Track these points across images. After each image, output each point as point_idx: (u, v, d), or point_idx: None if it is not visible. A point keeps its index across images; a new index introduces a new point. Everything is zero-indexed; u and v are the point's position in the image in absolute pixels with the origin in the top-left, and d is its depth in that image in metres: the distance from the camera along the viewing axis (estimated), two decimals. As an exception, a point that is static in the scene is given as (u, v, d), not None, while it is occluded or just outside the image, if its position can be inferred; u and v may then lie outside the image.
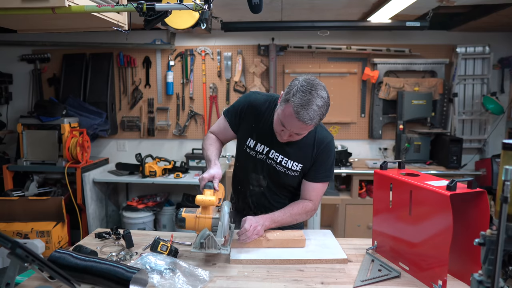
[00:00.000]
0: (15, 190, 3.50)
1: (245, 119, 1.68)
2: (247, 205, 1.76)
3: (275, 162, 1.64)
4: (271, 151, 1.63)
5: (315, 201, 1.67)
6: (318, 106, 1.38)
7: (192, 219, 1.43)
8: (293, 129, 1.45)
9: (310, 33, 3.87)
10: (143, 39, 4.06)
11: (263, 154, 1.65)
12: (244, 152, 1.70)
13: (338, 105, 3.99)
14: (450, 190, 1.17)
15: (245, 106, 1.68)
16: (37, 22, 1.86)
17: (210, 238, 1.36)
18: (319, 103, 1.38)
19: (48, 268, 0.99)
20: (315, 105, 1.38)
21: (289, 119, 1.42)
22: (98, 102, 4.04)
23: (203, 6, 1.40)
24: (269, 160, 1.65)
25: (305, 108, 1.37)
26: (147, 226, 3.74)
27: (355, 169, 3.63)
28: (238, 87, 4.05)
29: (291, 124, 1.43)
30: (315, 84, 1.41)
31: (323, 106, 1.40)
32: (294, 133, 1.48)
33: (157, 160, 3.80)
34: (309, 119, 1.38)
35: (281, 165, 1.63)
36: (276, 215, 1.59)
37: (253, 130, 1.66)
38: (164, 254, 1.39)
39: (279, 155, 1.63)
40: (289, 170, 1.63)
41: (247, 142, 1.67)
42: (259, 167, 1.67)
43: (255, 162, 1.67)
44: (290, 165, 1.62)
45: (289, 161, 1.62)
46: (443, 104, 3.93)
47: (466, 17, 3.45)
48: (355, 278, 1.31)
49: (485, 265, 0.89)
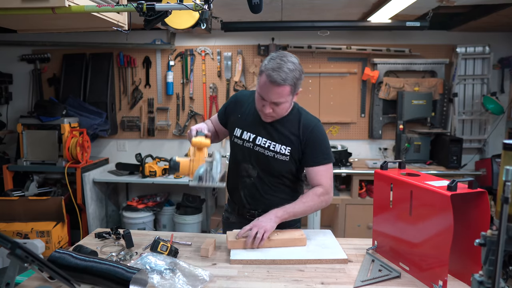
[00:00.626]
0: (15, 190, 3.50)
1: (231, 113, 1.76)
2: (240, 200, 1.75)
3: (263, 148, 1.65)
4: (257, 137, 1.66)
5: (325, 184, 1.65)
6: (289, 69, 1.48)
7: (187, 163, 1.46)
8: (270, 97, 1.51)
9: (310, 33, 3.87)
10: (143, 39, 4.05)
11: (250, 142, 1.67)
12: (233, 144, 1.75)
13: (338, 105, 3.99)
14: (451, 190, 1.17)
15: (233, 102, 1.79)
16: (37, 22, 1.86)
17: (208, 172, 1.40)
18: (290, 67, 1.49)
19: (47, 269, 0.99)
20: (285, 67, 1.48)
21: (264, 87, 1.50)
22: (98, 102, 4.03)
23: (203, 6, 1.40)
24: (257, 147, 1.66)
25: (276, 71, 1.47)
26: (147, 226, 3.74)
27: (355, 169, 3.63)
28: (238, 87, 4.05)
29: (267, 91, 1.50)
30: (285, 53, 1.54)
31: (295, 70, 1.50)
32: (273, 103, 1.53)
33: (157, 160, 3.80)
34: (281, 79, 1.47)
35: (269, 149, 1.65)
36: (287, 206, 1.59)
37: (239, 120, 1.72)
38: (164, 254, 1.39)
39: (266, 140, 1.65)
40: (277, 154, 1.64)
41: (234, 132, 1.72)
42: (247, 155, 1.69)
43: (243, 150, 1.70)
44: (278, 149, 1.64)
45: (277, 145, 1.64)
46: (443, 104, 3.93)
47: (466, 17, 3.45)
48: (355, 278, 1.30)
49: (485, 266, 0.89)
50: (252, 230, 1.50)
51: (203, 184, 1.41)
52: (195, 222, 3.76)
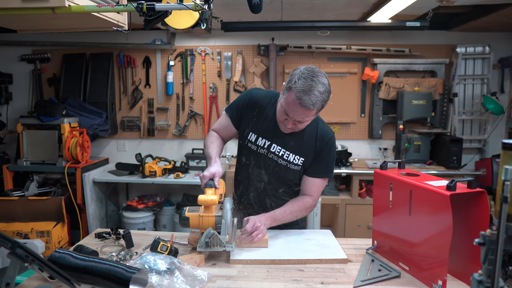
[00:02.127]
0: (15, 190, 3.50)
1: (246, 114, 1.69)
2: (248, 202, 1.76)
3: (277, 156, 1.64)
4: (273, 145, 1.64)
5: (315, 196, 1.68)
6: (319, 92, 1.43)
7: (196, 218, 1.46)
8: (296, 116, 1.47)
9: (310, 33, 3.87)
10: (143, 39, 4.06)
11: (264, 148, 1.66)
12: (246, 147, 1.70)
13: (338, 105, 3.99)
14: (450, 190, 1.17)
15: (246, 101, 1.69)
16: (37, 22, 1.86)
17: (215, 237, 1.39)
18: (321, 89, 1.43)
19: (48, 268, 0.99)
20: (316, 90, 1.42)
21: (292, 106, 1.45)
22: (98, 102, 4.03)
23: (203, 6, 1.40)
24: (271, 154, 1.65)
25: (307, 94, 1.41)
26: (147, 226, 3.74)
27: (355, 169, 3.63)
28: (238, 87, 4.05)
29: (294, 111, 1.46)
30: (316, 72, 1.46)
31: (325, 92, 1.45)
32: (297, 121, 1.50)
33: (157, 160, 3.80)
34: (311, 104, 1.42)
35: (282, 158, 1.64)
36: (276, 214, 1.60)
37: (254, 125, 1.67)
38: (164, 254, 1.39)
39: (281, 149, 1.64)
40: (290, 164, 1.64)
41: (249, 137, 1.68)
42: (261, 161, 1.67)
43: (256, 156, 1.68)
44: (292, 159, 1.63)
45: (291, 155, 1.63)
46: (443, 104, 3.93)
47: (466, 17, 3.45)
48: (355, 278, 1.30)
49: (485, 265, 0.89)
50: (254, 225, 1.50)
51: (210, 250, 1.41)
52: (195, 222, 3.76)
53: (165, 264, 1.28)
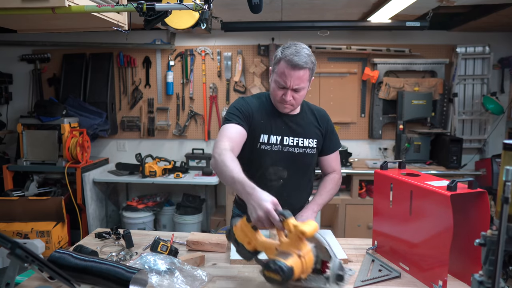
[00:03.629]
0: (15, 190, 3.50)
1: (252, 118, 1.63)
2: None
3: (292, 147, 1.66)
4: (284, 138, 1.66)
5: (338, 170, 1.79)
6: (307, 53, 1.51)
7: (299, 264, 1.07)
8: (292, 82, 1.51)
9: (310, 33, 3.86)
10: (143, 39, 4.05)
11: (278, 145, 1.66)
12: (258, 150, 1.64)
13: (338, 105, 3.99)
14: (451, 190, 1.17)
15: (247, 107, 1.63)
16: (37, 22, 1.86)
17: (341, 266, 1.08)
18: (307, 52, 1.52)
19: (47, 269, 0.99)
20: (303, 52, 1.51)
21: (286, 72, 1.50)
22: (98, 102, 4.03)
23: (203, 6, 1.40)
24: (286, 148, 1.66)
25: (296, 55, 1.48)
26: (147, 226, 3.74)
27: (355, 169, 3.63)
28: (238, 87, 4.05)
29: (289, 77, 1.50)
30: (296, 42, 1.56)
31: (311, 55, 1.53)
32: (293, 89, 1.53)
33: (157, 160, 3.80)
34: (303, 62, 1.48)
35: (298, 147, 1.67)
36: (317, 200, 1.68)
37: (263, 126, 1.64)
38: (164, 254, 1.39)
39: (294, 138, 1.66)
40: (307, 149, 1.68)
41: (261, 139, 1.64)
42: (277, 158, 1.66)
43: (271, 155, 1.65)
44: (307, 143, 1.68)
45: (305, 140, 1.68)
46: (443, 104, 3.92)
47: (466, 17, 3.45)
48: (355, 278, 1.30)
49: (485, 266, 0.89)
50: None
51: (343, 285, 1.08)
52: (195, 222, 3.76)
53: (165, 264, 1.28)
